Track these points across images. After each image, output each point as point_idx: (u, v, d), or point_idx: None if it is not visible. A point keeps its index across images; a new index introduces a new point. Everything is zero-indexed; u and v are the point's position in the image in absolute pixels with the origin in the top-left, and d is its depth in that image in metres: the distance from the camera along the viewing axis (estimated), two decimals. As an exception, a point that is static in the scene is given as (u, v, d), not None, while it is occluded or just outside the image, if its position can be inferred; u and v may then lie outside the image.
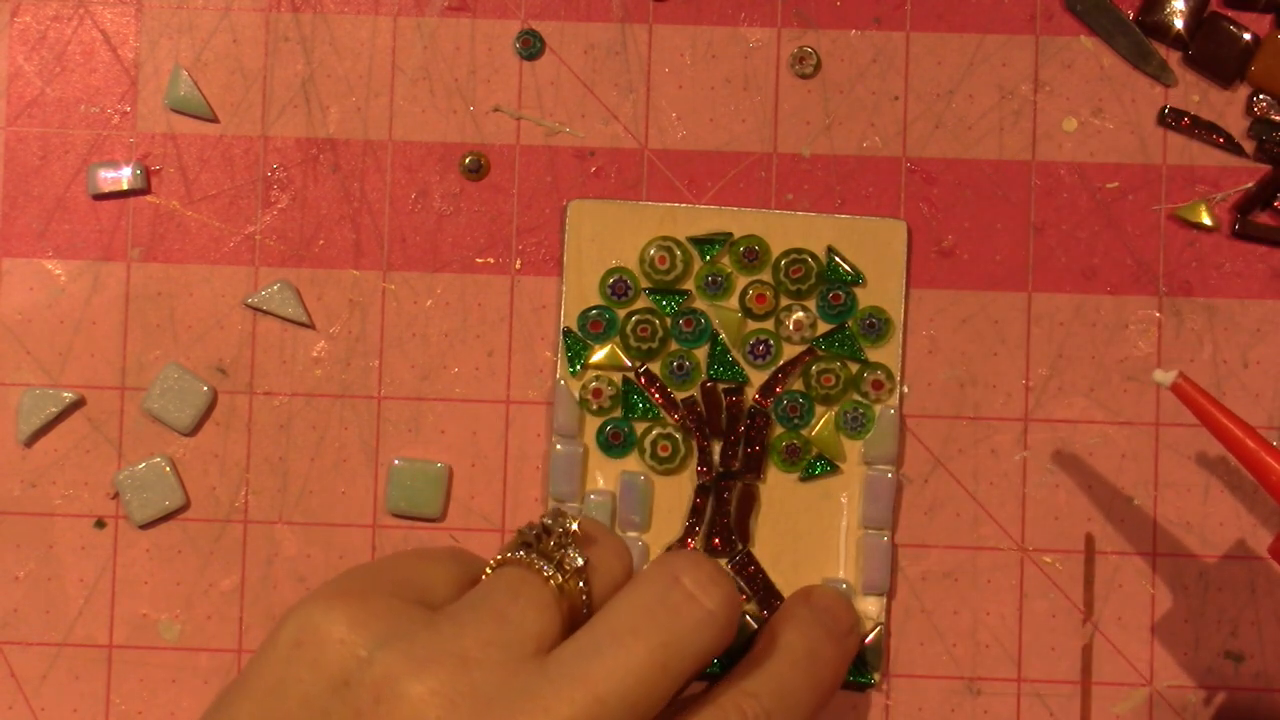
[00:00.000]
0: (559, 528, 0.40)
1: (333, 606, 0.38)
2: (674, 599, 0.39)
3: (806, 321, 0.51)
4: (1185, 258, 0.51)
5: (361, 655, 0.37)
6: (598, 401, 0.51)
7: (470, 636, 0.37)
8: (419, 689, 0.36)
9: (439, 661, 0.36)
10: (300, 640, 0.37)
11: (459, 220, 0.52)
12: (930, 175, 0.52)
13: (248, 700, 0.37)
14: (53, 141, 0.52)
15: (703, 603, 0.39)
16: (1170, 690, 0.51)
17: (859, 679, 0.50)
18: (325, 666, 0.37)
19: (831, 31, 0.52)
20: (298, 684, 0.37)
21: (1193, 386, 0.44)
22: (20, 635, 0.51)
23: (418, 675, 0.36)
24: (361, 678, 0.36)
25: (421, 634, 0.37)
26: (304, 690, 0.37)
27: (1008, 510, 0.51)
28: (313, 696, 0.37)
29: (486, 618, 0.38)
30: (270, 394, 0.51)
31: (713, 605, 0.39)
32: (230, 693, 0.38)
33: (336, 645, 0.37)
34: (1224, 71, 0.51)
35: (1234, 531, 0.51)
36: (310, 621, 0.37)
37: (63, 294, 0.52)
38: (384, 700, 0.36)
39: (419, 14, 0.52)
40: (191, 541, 0.51)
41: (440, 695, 0.36)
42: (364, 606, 0.38)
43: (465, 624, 0.38)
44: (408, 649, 0.37)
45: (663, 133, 0.52)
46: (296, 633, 0.37)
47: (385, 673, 0.36)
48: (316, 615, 0.37)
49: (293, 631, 0.38)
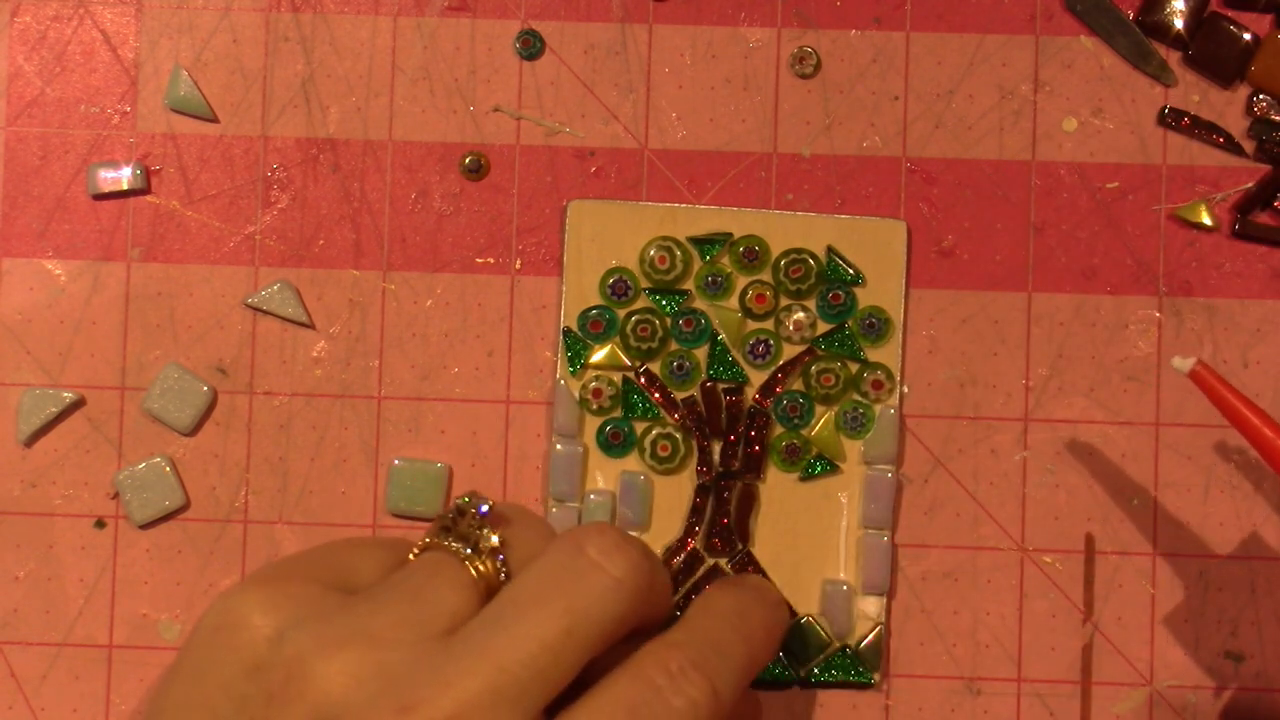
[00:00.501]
0: (471, 508, 0.40)
1: (249, 591, 0.38)
2: (578, 566, 0.39)
3: (806, 321, 0.51)
4: (1185, 258, 0.51)
5: (273, 637, 0.37)
6: (598, 401, 0.51)
7: (382, 616, 0.38)
8: (327, 667, 0.36)
9: (349, 641, 0.37)
10: (219, 625, 0.38)
11: (459, 220, 0.52)
12: (930, 175, 0.52)
13: (175, 687, 0.38)
14: (53, 141, 0.52)
15: (607, 569, 0.39)
16: (1170, 690, 0.51)
17: (859, 679, 0.50)
18: (240, 650, 0.37)
19: (831, 31, 0.52)
20: (216, 668, 0.38)
21: (1211, 373, 0.44)
22: (20, 635, 0.51)
23: (327, 654, 0.37)
24: (273, 659, 0.37)
25: (335, 615, 0.38)
26: (222, 674, 0.37)
27: (1008, 510, 0.51)
28: (230, 680, 0.37)
29: (401, 598, 0.38)
30: (270, 394, 0.51)
31: (618, 572, 0.39)
32: (162, 680, 0.39)
33: (250, 629, 0.38)
34: (1224, 71, 0.51)
35: (1234, 531, 0.51)
36: (228, 607, 0.38)
37: (63, 294, 0.52)
38: (294, 680, 0.36)
39: (419, 14, 0.52)
40: (191, 541, 0.51)
41: (347, 674, 0.36)
42: (280, 590, 0.38)
43: (379, 605, 0.38)
44: (318, 629, 0.37)
45: (663, 133, 0.52)
46: (216, 618, 0.38)
47: (295, 653, 0.37)
48: (234, 601, 0.38)
49: (213, 618, 0.38)
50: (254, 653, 0.37)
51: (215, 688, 0.37)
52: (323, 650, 0.37)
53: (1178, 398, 0.51)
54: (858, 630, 0.51)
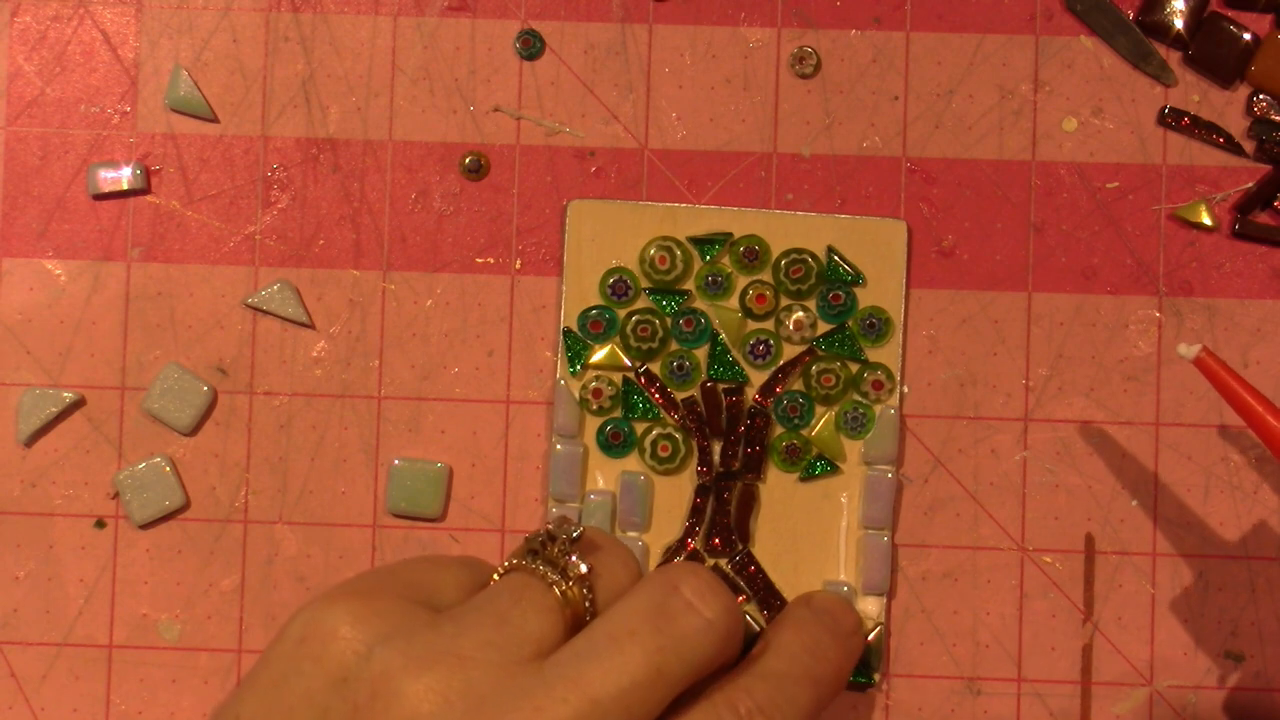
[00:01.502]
0: (563, 534, 0.40)
1: (337, 604, 0.38)
2: (672, 606, 0.39)
3: (806, 321, 0.51)
4: (1185, 258, 0.51)
5: (361, 652, 0.37)
6: (598, 401, 0.51)
7: (469, 637, 0.38)
8: (415, 686, 0.36)
9: (437, 660, 0.37)
10: (305, 636, 0.38)
11: (459, 220, 0.52)
12: (930, 175, 0.52)
13: (252, 694, 0.38)
14: (53, 141, 0.52)
15: (701, 611, 0.39)
16: (1170, 690, 0.51)
17: (859, 679, 0.50)
18: (326, 662, 0.37)
19: (831, 31, 0.52)
20: (300, 678, 0.37)
21: (1216, 360, 0.44)
22: (20, 635, 0.51)
23: (415, 673, 0.36)
24: (360, 674, 0.37)
25: (422, 633, 0.38)
26: (306, 685, 0.37)
27: (1008, 510, 0.51)
28: (314, 691, 0.37)
29: (488, 620, 0.38)
30: (270, 394, 0.51)
31: (711, 614, 0.39)
32: (239, 687, 0.39)
33: (338, 641, 0.37)
34: (1224, 71, 0.51)
35: (1234, 531, 0.51)
36: (315, 618, 0.38)
37: (63, 294, 0.52)
38: (380, 696, 0.36)
39: (419, 14, 0.52)
40: (191, 541, 0.51)
41: (435, 692, 0.36)
42: (368, 605, 0.38)
43: (466, 625, 0.38)
44: (406, 647, 0.37)
45: (663, 133, 0.52)
46: (302, 629, 0.38)
47: (383, 669, 0.37)
48: (321, 612, 0.38)
49: (299, 628, 0.38)
50: (341, 665, 0.37)
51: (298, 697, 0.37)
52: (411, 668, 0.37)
53: (1178, 398, 0.51)
54: (858, 630, 0.51)
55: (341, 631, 0.37)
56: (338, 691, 0.37)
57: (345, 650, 0.37)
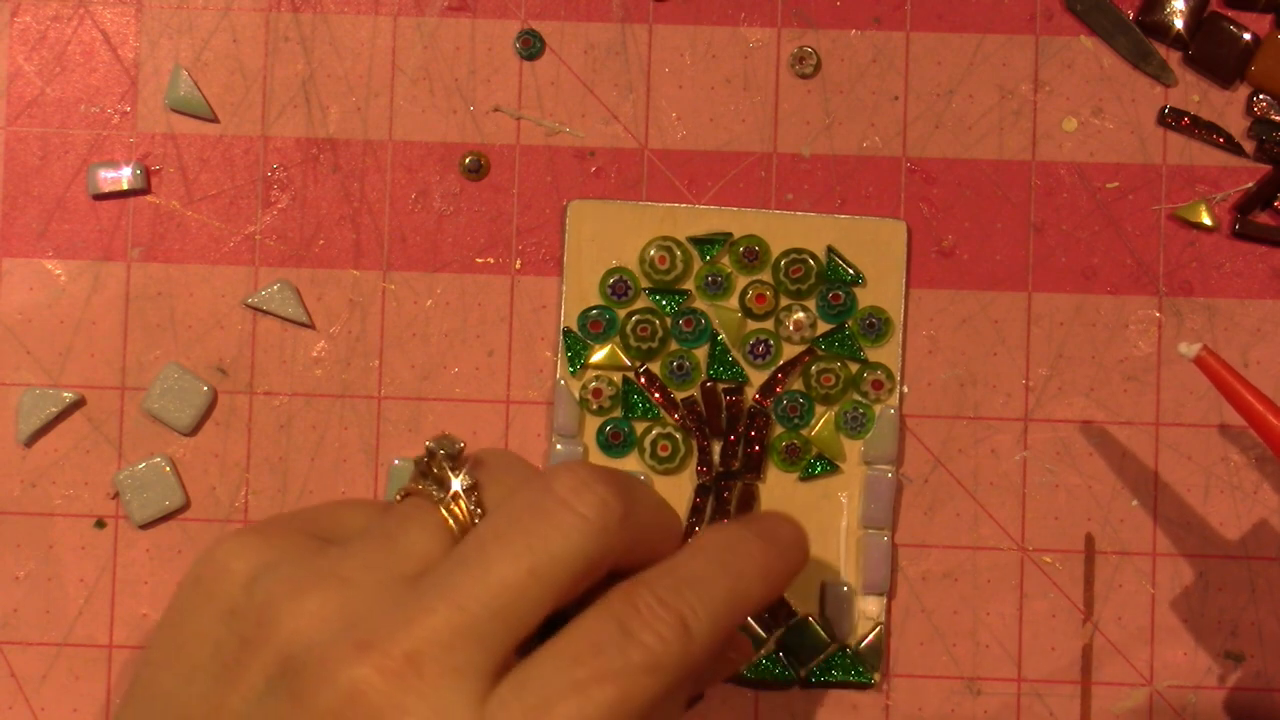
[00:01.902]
0: (442, 449, 0.40)
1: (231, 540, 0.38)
2: (545, 505, 0.38)
3: (806, 321, 0.51)
4: (1185, 258, 0.51)
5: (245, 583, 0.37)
6: (598, 401, 0.51)
7: (353, 560, 0.38)
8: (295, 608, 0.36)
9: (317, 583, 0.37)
10: (199, 575, 0.38)
11: (459, 220, 0.52)
12: (930, 175, 0.52)
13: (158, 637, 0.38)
14: (53, 141, 0.52)
15: (575, 507, 0.38)
16: (1170, 690, 0.51)
17: (859, 679, 0.50)
18: (217, 597, 0.38)
19: (831, 31, 0.52)
20: (195, 616, 0.38)
21: (1216, 359, 0.45)
22: (20, 635, 0.51)
23: (296, 597, 0.37)
24: (246, 604, 0.37)
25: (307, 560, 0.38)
26: (199, 622, 0.38)
27: (1008, 510, 0.51)
28: (206, 627, 0.37)
29: (373, 543, 0.38)
30: (270, 394, 0.51)
31: (586, 509, 0.38)
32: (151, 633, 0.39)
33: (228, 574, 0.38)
34: (1224, 71, 0.51)
35: (1234, 531, 0.51)
36: (210, 556, 0.38)
37: (63, 294, 0.52)
38: (264, 623, 0.36)
39: (419, 14, 0.52)
40: (191, 541, 0.51)
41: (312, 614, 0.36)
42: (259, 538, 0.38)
43: (352, 550, 0.38)
44: (290, 573, 0.37)
45: (663, 133, 0.52)
46: (198, 568, 0.38)
47: (266, 597, 0.37)
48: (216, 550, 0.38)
49: (195, 567, 0.38)
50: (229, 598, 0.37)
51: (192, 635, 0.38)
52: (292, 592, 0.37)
53: (1178, 397, 0.51)
54: (858, 630, 0.51)
55: (232, 565, 0.38)
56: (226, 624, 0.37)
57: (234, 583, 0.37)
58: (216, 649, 0.37)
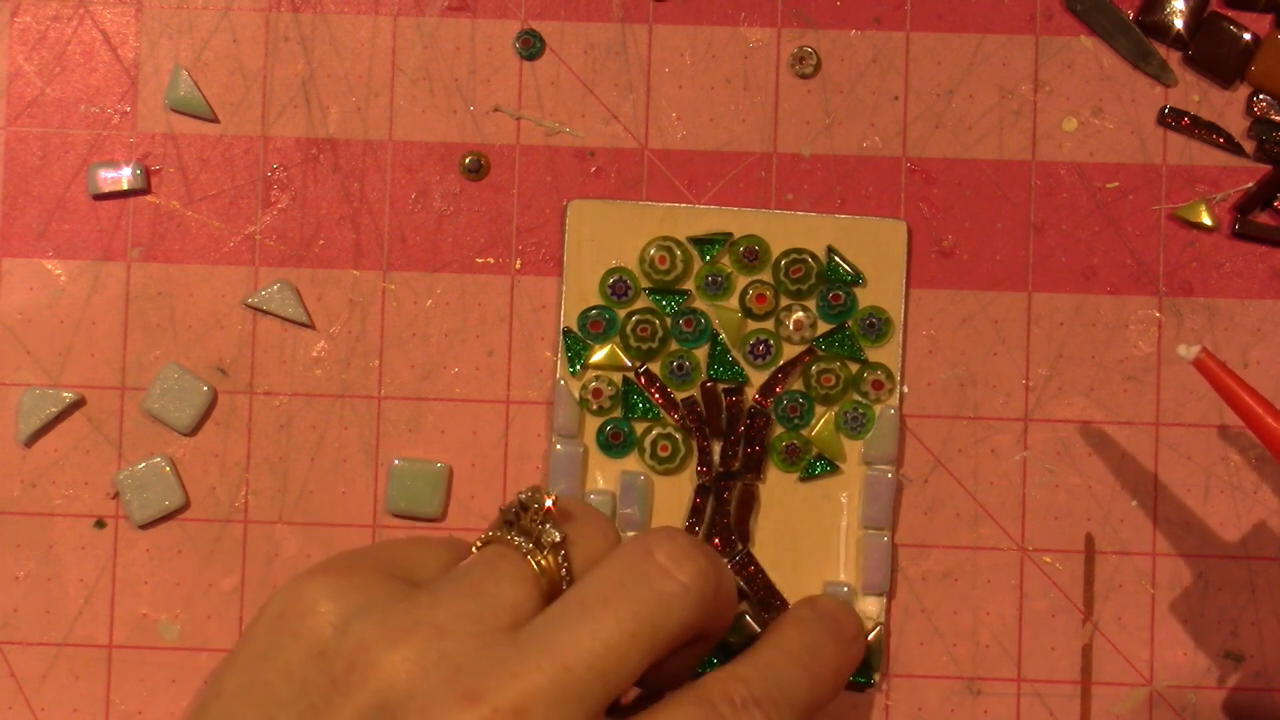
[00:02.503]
0: (534, 503, 0.40)
1: (315, 580, 0.39)
2: (646, 571, 0.39)
3: (806, 321, 0.51)
4: (1185, 258, 0.51)
5: (338, 625, 0.38)
6: (598, 401, 0.51)
7: (445, 608, 0.38)
8: (391, 656, 0.37)
9: (412, 630, 0.37)
10: (283, 612, 0.38)
11: (459, 220, 0.52)
12: (930, 175, 0.52)
13: (234, 671, 0.38)
14: (53, 141, 0.52)
15: (675, 575, 0.39)
16: (1170, 690, 0.51)
17: (859, 679, 0.50)
18: (304, 636, 0.38)
19: (831, 31, 0.52)
20: (279, 653, 0.38)
21: (1215, 361, 0.45)
22: (20, 635, 0.51)
23: (391, 643, 0.37)
24: (337, 646, 0.37)
25: (398, 605, 0.38)
26: (285, 659, 0.38)
27: (1008, 510, 0.51)
28: (292, 666, 0.38)
29: (463, 591, 0.39)
30: (270, 394, 0.51)
31: (685, 578, 0.39)
32: (221, 665, 0.39)
33: (316, 616, 0.38)
34: (1224, 71, 0.51)
35: (1234, 531, 0.51)
36: (294, 594, 0.39)
37: (63, 294, 0.52)
38: (357, 667, 0.37)
39: (419, 14, 0.52)
40: (191, 541, 0.51)
41: (412, 662, 0.37)
42: (345, 579, 0.39)
43: (442, 597, 0.38)
44: (383, 619, 0.37)
45: (663, 133, 0.52)
46: (281, 605, 0.39)
47: (359, 641, 0.37)
48: (299, 588, 0.39)
49: (278, 604, 0.39)
50: (318, 639, 0.38)
51: (278, 672, 0.38)
52: (387, 639, 0.37)
53: (1178, 398, 0.51)
54: (858, 630, 0.51)
55: (319, 606, 0.38)
56: (316, 664, 0.37)
57: (323, 624, 0.38)
58: (303, 688, 0.37)
